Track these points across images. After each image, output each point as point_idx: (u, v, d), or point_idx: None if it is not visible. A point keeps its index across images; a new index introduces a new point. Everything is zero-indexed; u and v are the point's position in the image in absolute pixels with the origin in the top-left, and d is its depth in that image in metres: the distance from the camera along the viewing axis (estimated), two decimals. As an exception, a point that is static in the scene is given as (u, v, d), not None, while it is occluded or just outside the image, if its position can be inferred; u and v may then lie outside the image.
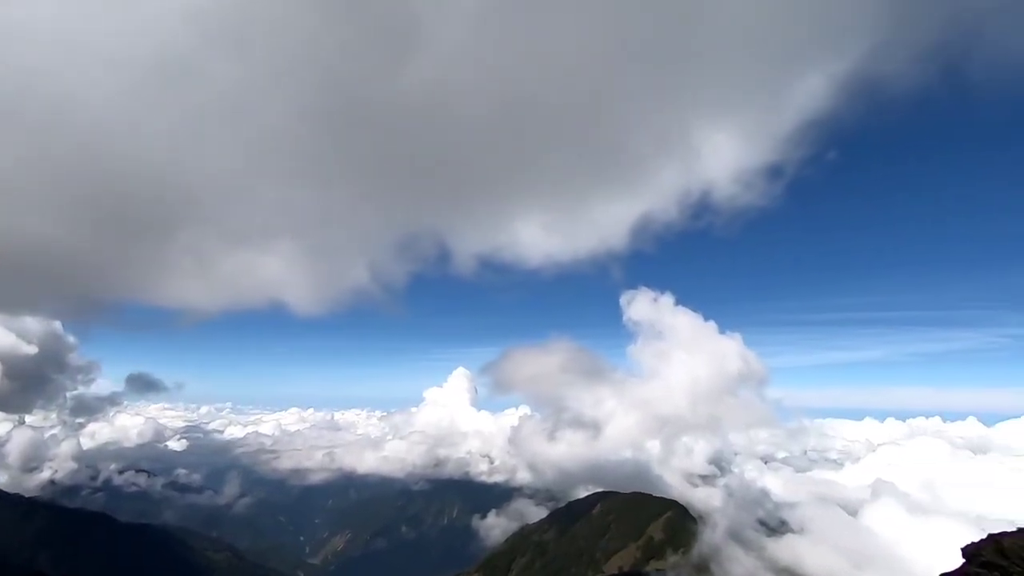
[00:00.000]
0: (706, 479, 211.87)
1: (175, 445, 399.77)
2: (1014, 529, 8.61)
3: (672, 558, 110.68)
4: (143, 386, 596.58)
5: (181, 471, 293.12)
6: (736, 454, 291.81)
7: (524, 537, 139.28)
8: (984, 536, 8.47)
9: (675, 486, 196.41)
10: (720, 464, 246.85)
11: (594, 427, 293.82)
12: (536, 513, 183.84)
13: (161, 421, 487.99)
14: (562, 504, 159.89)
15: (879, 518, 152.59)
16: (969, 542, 8.57)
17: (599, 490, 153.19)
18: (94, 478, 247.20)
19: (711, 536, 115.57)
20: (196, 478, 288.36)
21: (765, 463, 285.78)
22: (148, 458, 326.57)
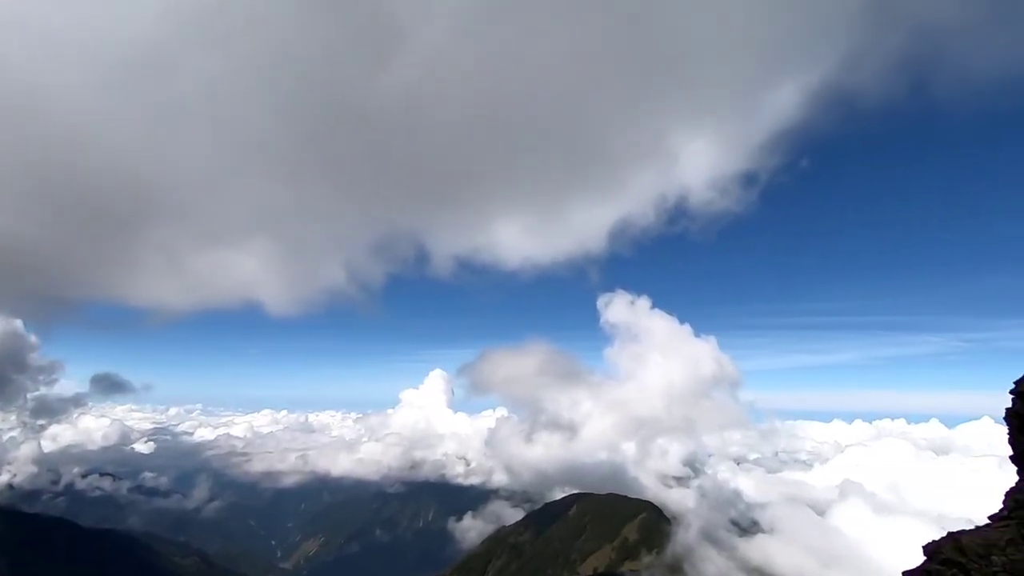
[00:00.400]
0: (680, 480, 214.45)
1: (142, 448, 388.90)
2: (972, 527, 8.93)
3: (646, 559, 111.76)
4: (109, 387, 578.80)
5: (148, 474, 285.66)
6: (710, 455, 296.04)
7: (500, 539, 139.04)
8: (944, 534, 8.76)
9: (650, 487, 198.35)
10: (694, 465, 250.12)
11: (570, 429, 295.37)
12: (512, 515, 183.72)
13: (128, 423, 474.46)
14: (538, 506, 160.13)
15: (846, 518, 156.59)
16: (930, 540, 8.83)
17: (575, 491, 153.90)
18: (55, 482, 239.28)
19: (684, 536, 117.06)
20: (164, 481, 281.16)
21: (737, 464, 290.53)
22: (113, 461, 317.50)
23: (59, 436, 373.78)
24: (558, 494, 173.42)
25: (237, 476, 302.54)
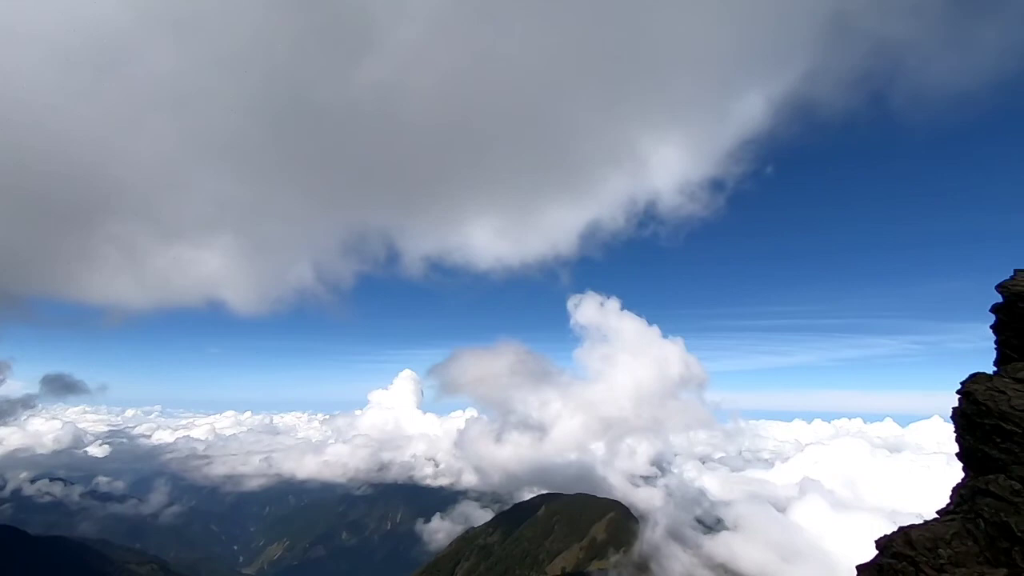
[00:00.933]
0: (648, 479, 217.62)
1: (96, 451, 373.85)
2: (921, 522, 9.35)
3: (614, 557, 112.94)
4: (61, 388, 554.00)
5: (102, 479, 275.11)
6: (676, 455, 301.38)
7: (469, 540, 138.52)
8: (895, 529, 9.13)
9: (618, 487, 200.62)
10: (661, 465, 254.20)
11: (540, 429, 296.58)
12: (482, 516, 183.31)
13: (81, 426, 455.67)
14: (508, 506, 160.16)
15: (806, 514, 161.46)
16: (882, 535, 9.21)
17: (544, 492, 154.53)
18: (1, 487, 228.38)
19: (652, 535, 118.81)
20: (119, 486, 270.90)
21: (703, 463, 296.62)
22: (65, 466, 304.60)
23: (6, 439, 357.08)
24: (527, 495, 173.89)
25: (197, 480, 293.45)
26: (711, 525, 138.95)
